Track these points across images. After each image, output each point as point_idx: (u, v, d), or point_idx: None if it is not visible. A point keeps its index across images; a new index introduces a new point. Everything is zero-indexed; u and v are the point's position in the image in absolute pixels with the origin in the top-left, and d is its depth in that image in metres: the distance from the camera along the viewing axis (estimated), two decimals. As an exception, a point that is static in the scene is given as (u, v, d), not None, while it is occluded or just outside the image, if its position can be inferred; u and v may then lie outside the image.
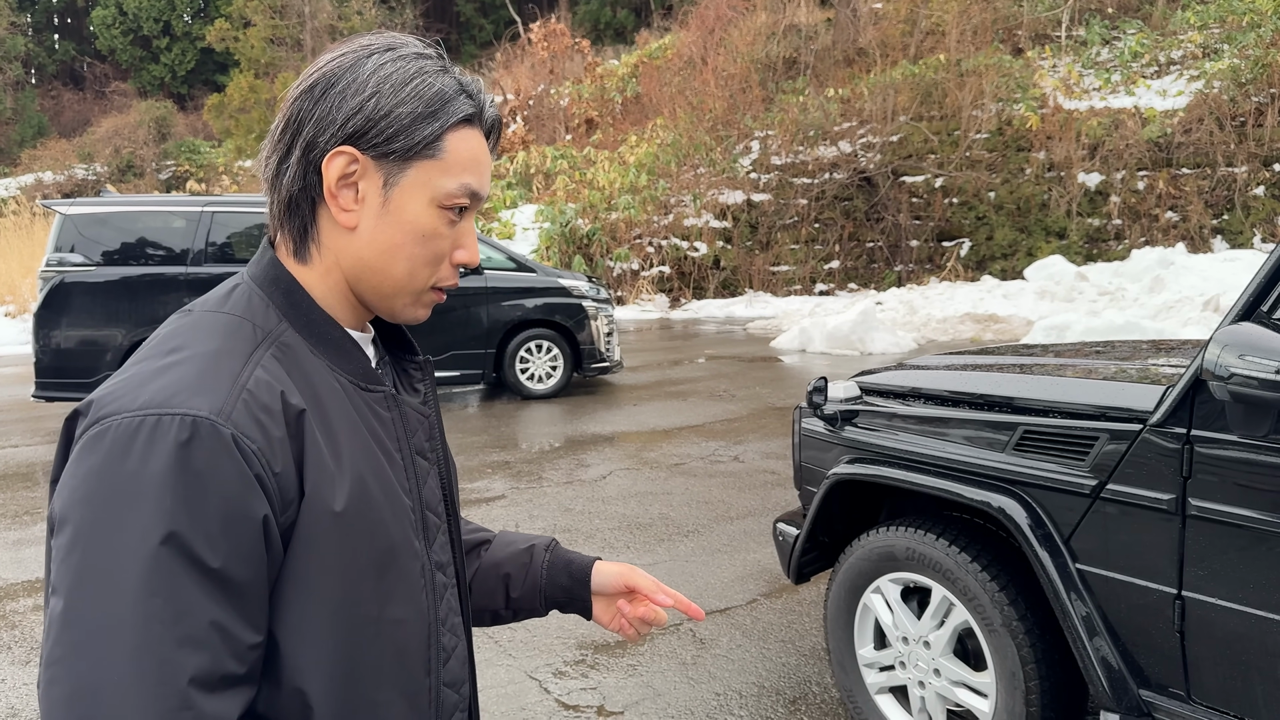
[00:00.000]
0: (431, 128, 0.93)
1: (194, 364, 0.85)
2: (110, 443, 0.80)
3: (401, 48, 0.95)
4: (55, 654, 0.77)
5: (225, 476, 0.80)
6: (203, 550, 0.79)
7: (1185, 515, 2.18)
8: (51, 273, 7.98)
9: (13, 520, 5.66)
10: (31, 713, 3.31)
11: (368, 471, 0.91)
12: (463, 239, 0.98)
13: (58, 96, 46.20)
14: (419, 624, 0.96)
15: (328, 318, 0.96)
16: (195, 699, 0.77)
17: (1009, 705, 2.53)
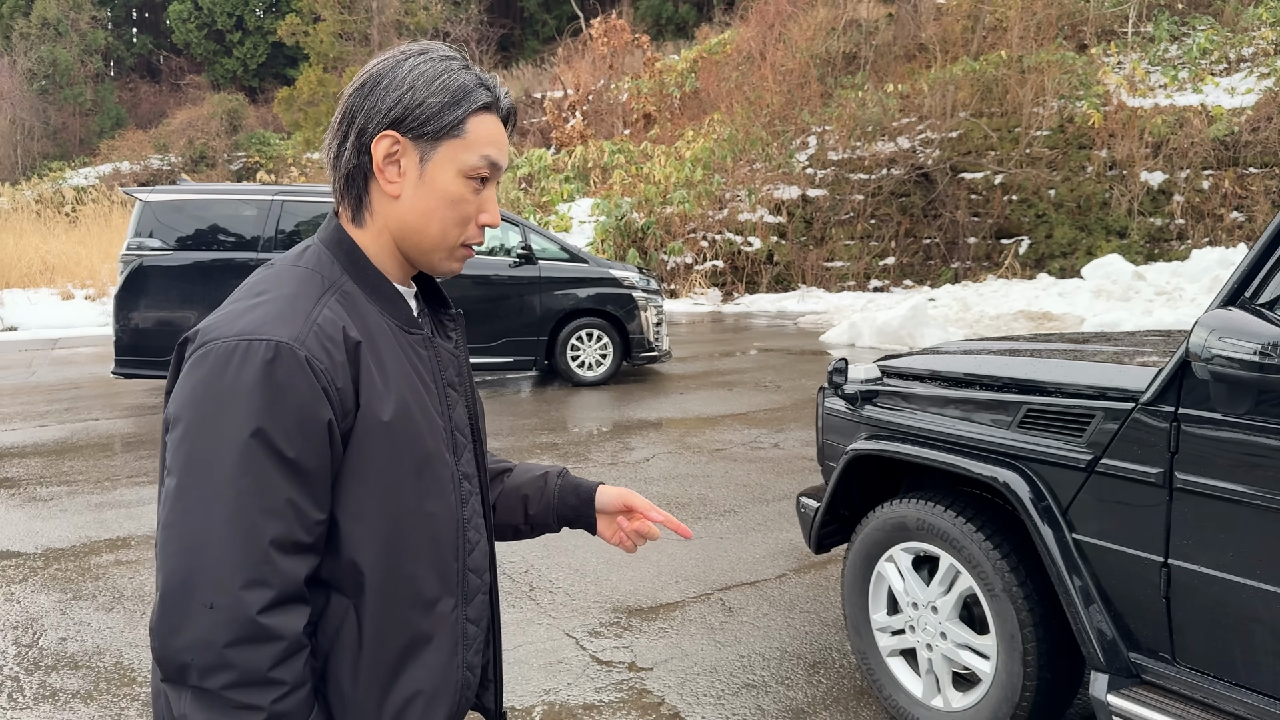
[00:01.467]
0: (456, 114, 1.17)
1: (276, 304, 1.11)
2: (213, 360, 1.05)
3: (432, 51, 1.20)
4: (170, 519, 1.04)
5: (300, 387, 1.05)
6: (282, 443, 1.04)
7: (1172, 488, 2.33)
8: (131, 256, 8.43)
9: (95, 485, 6.06)
10: (115, 653, 3.64)
11: (409, 393, 1.16)
12: (486, 204, 1.22)
13: (135, 89, 47.70)
14: (449, 518, 1.21)
15: (379, 273, 1.21)
16: (274, 556, 1.03)
17: (1009, 666, 2.70)
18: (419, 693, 1.18)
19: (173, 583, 1.03)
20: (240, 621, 1.01)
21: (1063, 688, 2.71)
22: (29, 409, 8.74)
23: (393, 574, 1.14)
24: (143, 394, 9.49)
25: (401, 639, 1.16)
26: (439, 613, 1.20)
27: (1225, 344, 2.13)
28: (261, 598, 1.02)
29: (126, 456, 6.86)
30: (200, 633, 1.01)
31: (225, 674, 1.01)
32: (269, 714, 1.02)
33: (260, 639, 1.02)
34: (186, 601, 1.02)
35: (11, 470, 6.46)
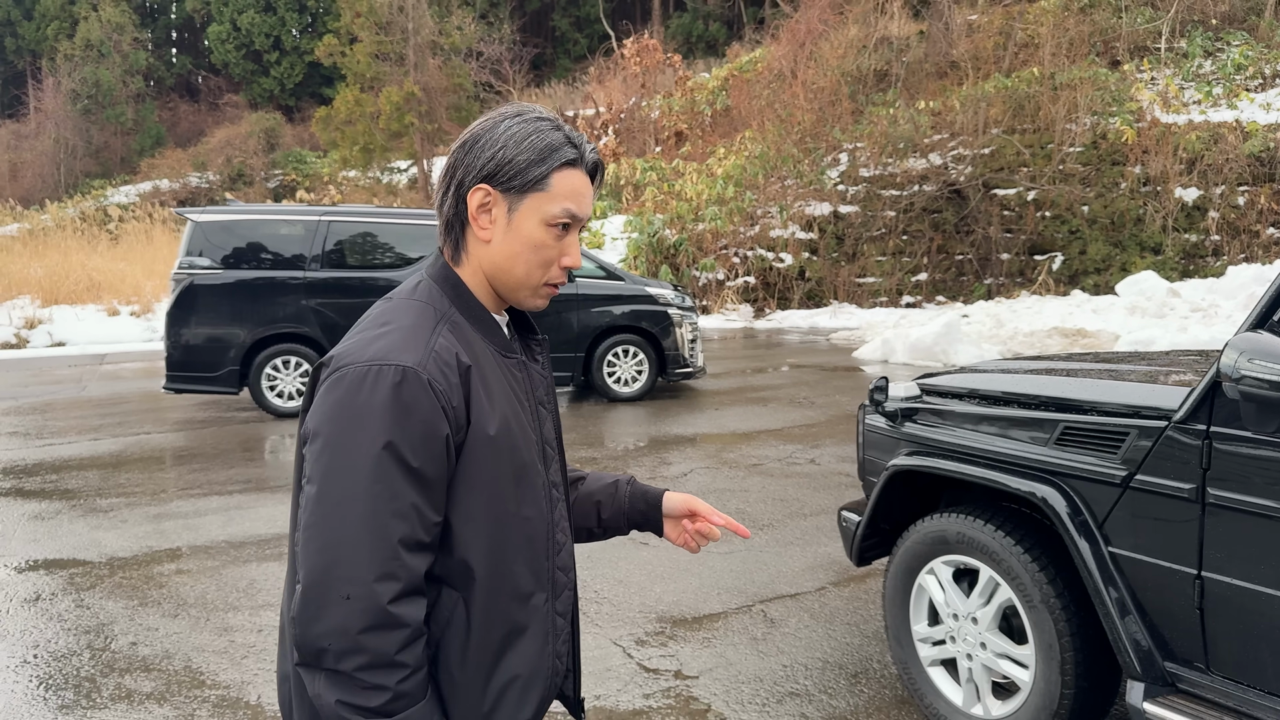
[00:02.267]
0: (540, 170, 1.33)
1: (400, 333, 1.27)
2: (349, 382, 1.22)
3: (527, 113, 1.37)
4: (311, 521, 1.20)
5: (423, 406, 1.21)
6: (408, 454, 1.20)
7: (1205, 503, 2.43)
8: (183, 275, 8.70)
9: (151, 497, 6.28)
10: (184, 657, 3.81)
11: (509, 411, 1.33)
12: (567, 248, 1.38)
13: (174, 108, 48.68)
14: (541, 522, 1.38)
15: (479, 304, 1.38)
16: (401, 553, 1.19)
17: (1047, 675, 2.80)
18: (516, 678, 1.34)
19: (314, 576, 1.18)
20: (373, 610, 1.17)
21: (1099, 696, 2.80)
22: (83, 423, 9.01)
23: (496, 570, 1.31)
24: (191, 408, 9.75)
25: (502, 629, 1.32)
26: (533, 606, 1.36)
27: (1254, 365, 2.24)
28: (391, 589, 1.18)
29: (180, 469, 7.08)
30: (338, 620, 1.16)
31: (358, 657, 1.17)
32: (394, 693, 1.18)
33: (389, 626, 1.17)
34: (326, 593, 1.17)
35: (71, 482, 6.70)
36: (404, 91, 27.23)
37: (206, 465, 7.17)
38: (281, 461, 7.35)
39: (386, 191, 32.01)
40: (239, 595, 4.47)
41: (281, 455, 7.57)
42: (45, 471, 7.04)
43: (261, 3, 45.43)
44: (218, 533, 5.46)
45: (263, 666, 3.71)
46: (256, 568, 4.85)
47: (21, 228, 27.29)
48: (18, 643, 3.96)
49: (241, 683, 3.57)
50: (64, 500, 6.22)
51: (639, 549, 5.01)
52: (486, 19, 34.83)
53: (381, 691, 1.17)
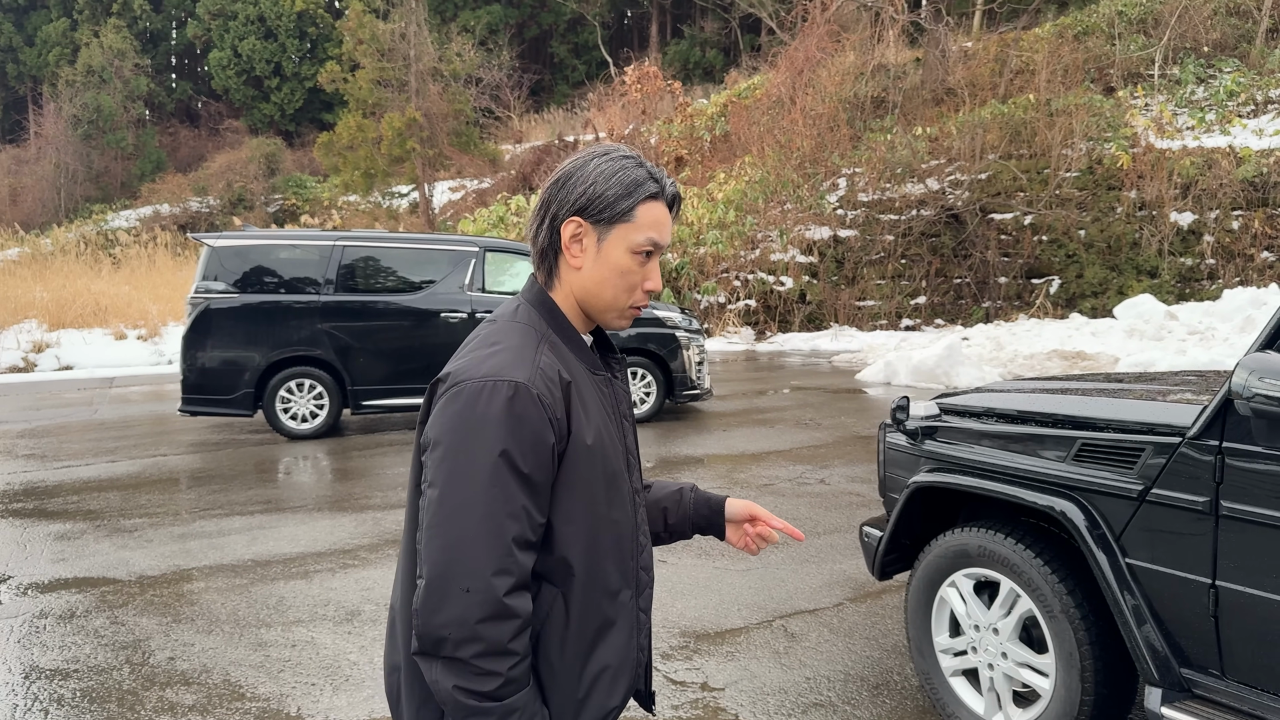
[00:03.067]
0: (627, 203, 1.47)
1: (509, 352, 1.41)
2: (467, 396, 1.36)
3: (613, 153, 1.52)
4: (434, 521, 1.33)
5: (534, 417, 1.35)
6: (520, 462, 1.34)
7: (1218, 515, 2.55)
8: (199, 299, 8.82)
9: (174, 518, 6.38)
10: (221, 670, 3.91)
11: (601, 423, 1.48)
12: (650, 274, 1.51)
13: (175, 133, 49.00)
14: (628, 524, 1.53)
15: (572, 325, 1.52)
16: (515, 550, 1.33)
17: (1067, 682, 2.91)
18: (607, 667, 1.48)
19: (436, 571, 1.31)
20: (491, 602, 1.30)
21: (1118, 702, 2.91)
22: (98, 445, 9.11)
23: (591, 568, 1.45)
24: (203, 431, 9.85)
25: (596, 621, 1.46)
26: (620, 602, 1.50)
27: (1264, 384, 2.38)
28: (506, 583, 1.31)
29: (199, 491, 7.18)
30: (458, 611, 1.29)
31: (475, 645, 1.30)
32: (505, 679, 1.31)
33: (505, 616, 1.31)
34: (447, 586, 1.30)
35: (93, 503, 6.79)
36: (405, 117, 27.48)
37: (225, 486, 7.27)
38: (297, 483, 7.45)
39: (388, 216, 32.22)
40: (270, 612, 4.57)
41: (297, 477, 7.68)
42: (66, 493, 7.13)
43: (262, 29, 45.85)
44: (243, 551, 5.56)
45: (300, 679, 3.81)
46: (284, 585, 4.95)
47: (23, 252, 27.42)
48: (57, 656, 4.06)
49: (280, 695, 3.67)
50: (87, 520, 6.32)
51: (660, 567, 5.12)
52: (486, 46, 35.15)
53: (494, 677, 1.30)
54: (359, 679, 3.80)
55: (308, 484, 7.41)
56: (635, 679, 1.55)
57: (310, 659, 4.01)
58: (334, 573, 5.15)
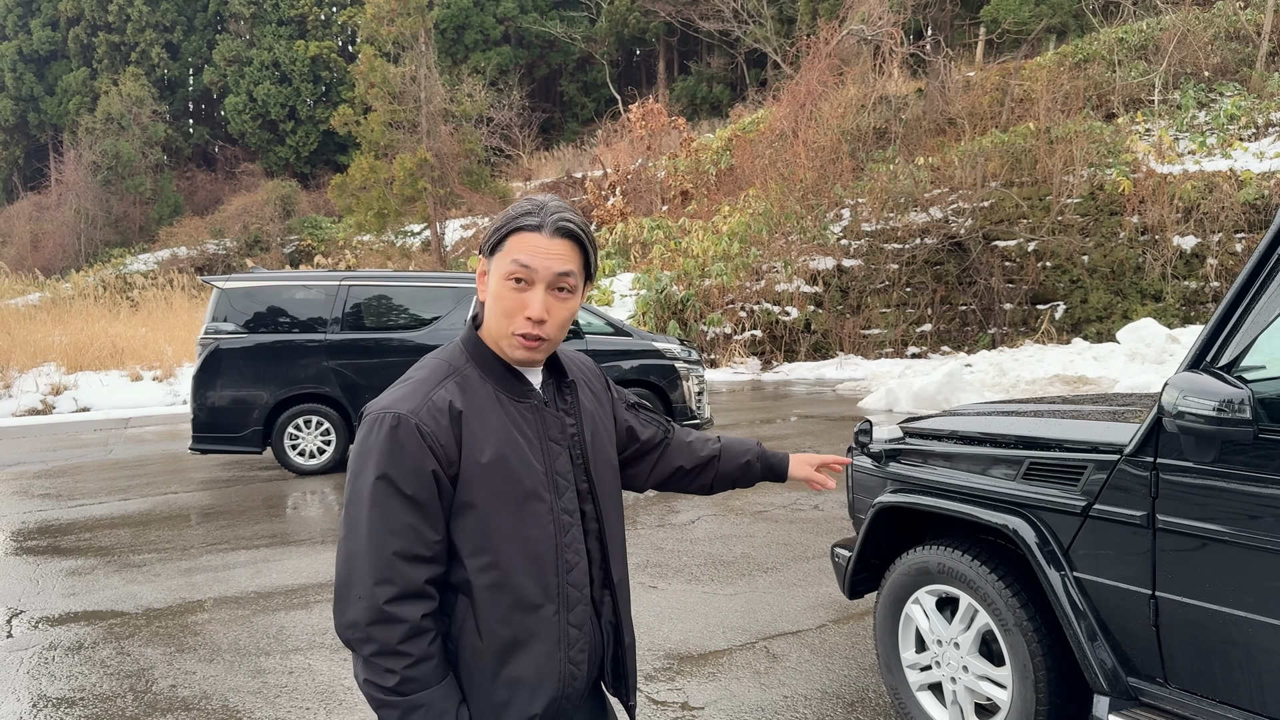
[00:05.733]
0: (499, 235, 1.60)
1: (410, 385, 1.59)
2: (364, 426, 1.57)
3: (522, 204, 1.63)
4: (340, 536, 1.54)
5: (412, 446, 1.51)
6: (402, 484, 1.50)
7: (1155, 528, 2.67)
8: (209, 339, 9.06)
9: (181, 553, 6.55)
10: (220, 697, 4.05)
11: (506, 445, 1.59)
12: (528, 302, 1.58)
13: (192, 177, 49.79)
14: (547, 543, 1.61)
15: (495, 358, 1.65)
16: (396, 563, 1.49)
17: (1023, 694, 3.03)
18: (523, 679, 1.58)
19: (338, 581, 1.52)
20: (374, 608, 1.47)
21: (1072, 712, 3.02)
22: (111, 484, 9.31)
23: (498, 582, 1.56)
24: (214, 468, 10.05)
25: (509, 633, 1.57)
26: (541, 617, 1.59)
27: (1190, 402, 2.50)
28: (388, 592, 1.48)
29: (208, 526, 7.35)
30: (353, 615, 1.49)
31: (370, 645, 1.48)
32: (402, 677, 1.48)
33: (389, 621, 1.47)
34: (346, 594, 1.50)
35: (105, 540, 6.98)
36: (417, 158, 27.94)
37: (232, 522, 7.44)
38: (304, 517, 7.62)
39: (400, 254, 32.63)
40: (270, 641, 4.72)
41: (304, 511, 7.85)
42: (79, 530, 7.32)
43: (277, 74, 46.72)
44: (247, 584, 5.72)
45: (295, 704, 3.95)
46: (285, 615, 5.10)
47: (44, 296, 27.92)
48: (64, 686, 4.21)
49: (276, 719, 3.81)
50: (98, 556, 6.50)
51: (648, 592, 5.24)
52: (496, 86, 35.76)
53: (391, 674, 1.48)
54: (351, 703, 3.94)
55: (313, 518, 7.58)
56: (564, 691, 1.62)
57: (306, 685, 4.15)
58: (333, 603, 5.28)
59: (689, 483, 2.09)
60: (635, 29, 44.23)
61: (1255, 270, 2.51)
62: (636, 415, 2.01)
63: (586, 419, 1.76)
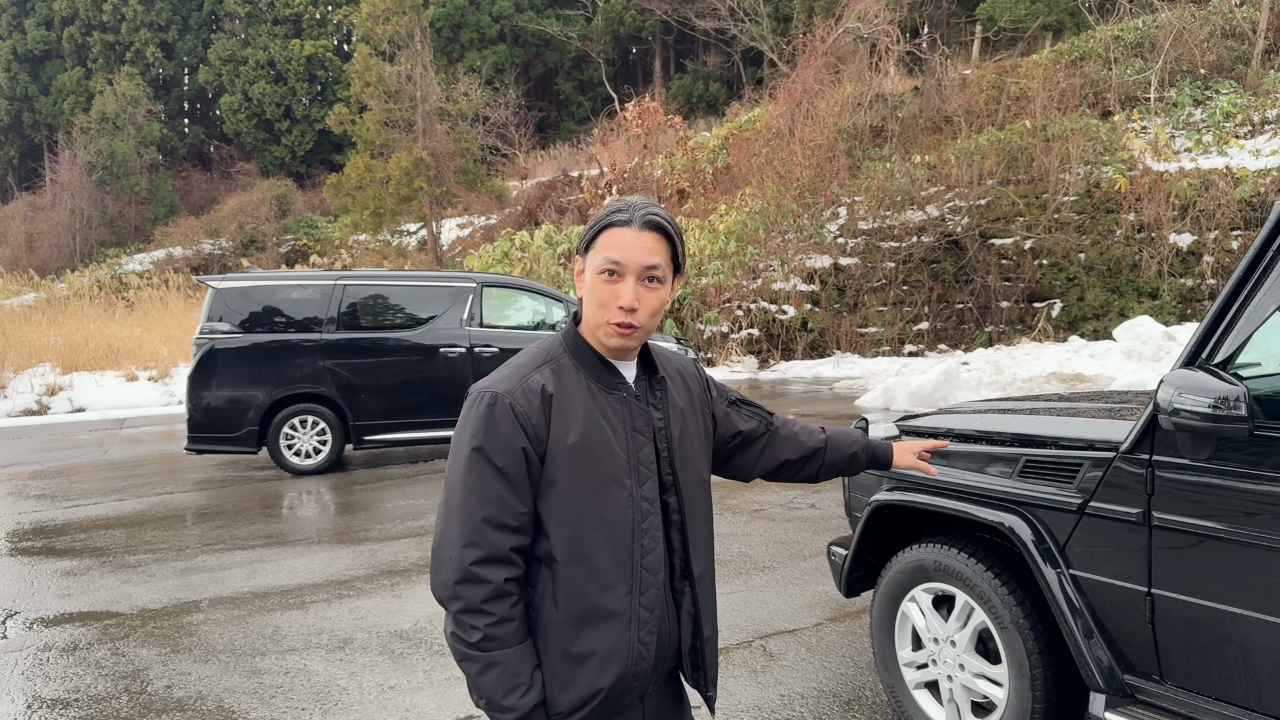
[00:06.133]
0: (592, 233, 1.76)
1: (509, 369, 1.74)
2: (466, 404, 1.72)
3: (612, 204, 1.76)
4: (440, 499, 1.69)
5: (505, 421, 1.65)
6: (493, 456, 1.64)
7: (1151, 526, 2.67)
8: (204, 340, 9.04)
9: (177, 553, 6.53)
10: (215, 698, 4.04)
11: (590, 429, 1.70)
12: (620, 293, 1.71)
13: (187, 177, 49.68)
14: (624, 526, 1.72)
15: (591, 351, 1.78)
16: (484, 529, 1.63)
17: (1019, 691, 3.02)
18: (594, 652, 1.68)
19: (435, 541, 1.68)
20: (462, 569, 1.61)
21: (1068, 709, 3.02)
22: (107, 485, 9.29)
23: (577, 556, 1.68)
24: (210, 469, 10.03)
25: (582, 607, 1.68)
26: (616, 594, 1.70)
27: (1185, 399, 2.50)
28: (474, 554, 1.62)
29: (203, 526, 7.34)
30: (444, 574, 1.64)
31: (457, 602, 1.62)
32: (484, 634, 1.61)
33: (473, 581, 1.61)
34: (439, 553, 1.65)
35: (100, 540, 6.96)
36: (413, 157, 27.89)
37: (228, 522, 7.43)
38: (300, 517, 7.61)
39: (396, 254, 32.59)
40: (265, 641, 4.71)
41: (300, 511, 7.83)
42: (74, 531, 7.31)
43: (272, 74, 46.62)
44: (242, 584, 5.70)
45: (290, 705, 3.94)
46: (281, 615, 5.09)
47: (39, 297, 27.85)
48: (59, 687, 4.20)
49: (271, 719, 3.79)
50: (94, 557, 6.48)
51: (645, 591, 5.23)
52: (492, 84, 35.70)
53: (475, 630, 1.61)
54: (347, 703, 3.93)
55: (309, 518, 7.57)
56: (632, 669, 1.71)
57: (301, 685, 4.14)
58: (329, 603, 5.28)
59: (795, 473, 2.23)
60: (631, 27, 44.19)
61: (1250, 267, 2.51)
62: (739, 410, 2.13)
63: (675, 415, 1.86)
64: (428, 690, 4.04)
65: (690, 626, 1.84)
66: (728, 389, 2.13)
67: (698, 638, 1.85)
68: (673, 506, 1.80)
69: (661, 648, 1.77)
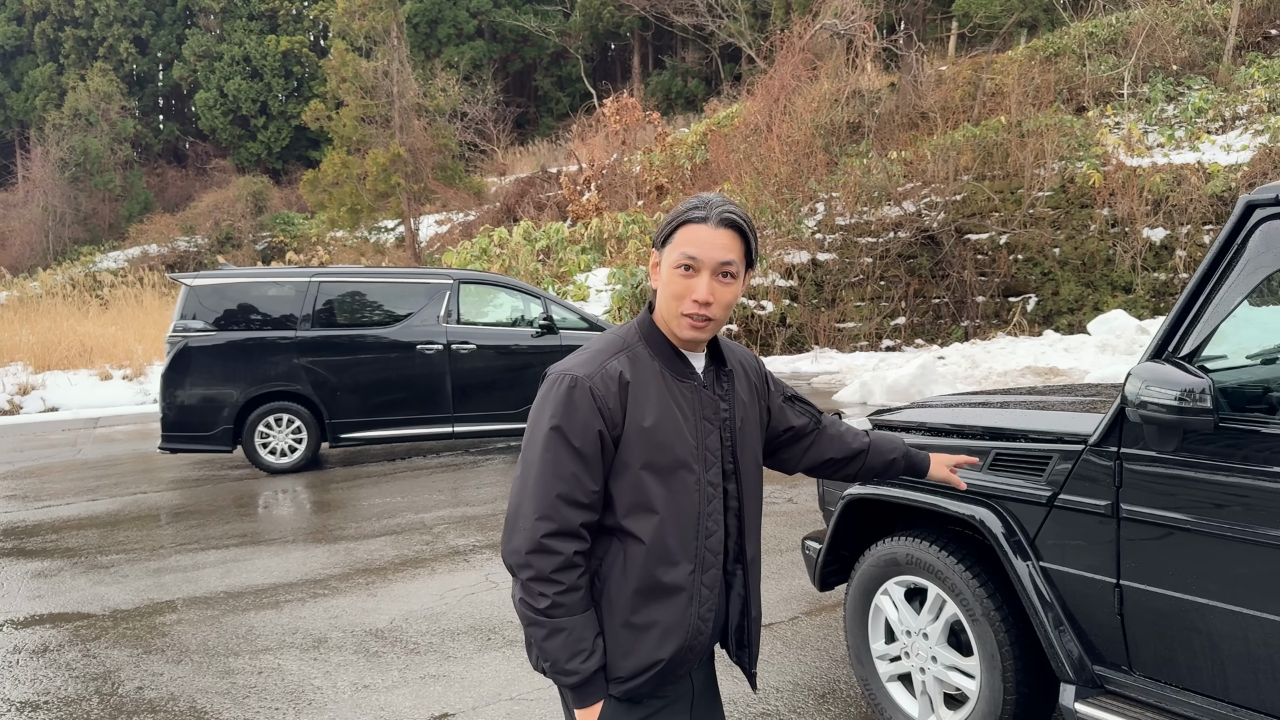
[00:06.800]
0: (670, 229, 1.83)
1: (589, 354, 1.82)
2: (545, 384, 1.79)
3: (690, 200, 1.83)
4: (516, 473, 1.78)
5: (584, 404, 1.73)
6: (571, 436, 1.72)
7: (1119, 517, 2.70)
8: (177, 338, 8.95)
9: (150, 553, 6.47)
10: (188, 699, 4.01)
11: (664, 416, 1.79)
12: (695, 287, 1.78)
13: (162, 174, 49.21)
14: (691, 508, 1.81)
15: (665, 340, 1.85)
16: (558, 503, 1.71)
17: (991, 683, 3.04)
18: (657, 623, 1.77)
19: (509, 512, 1.76)
20: (534, 540, 1.70)
21: (1040, 700, 3.04)
22: (80, 484, 9.20)
23: (646, 534, 1.77)
24: (185, 468, 9.94)
25: (650, 580, 1.77)
26: (679, 571, 1.79)
27: (1152, 392, 2.52)
28: (546, 527, 1.70)
29: (177, 526, 7.27)
30: (517, 543, 1.72)
31: (528, 570, 1.70)
32: (552, 601, 1.70)
33: (545, 551, 1.69)
34: (513, 523, 1.74)
35: (72, 541, 6.89)
36: (390, 153, 27.73)
37: (202, 521, 7.37)
38: (275, 516, 7.56)
39: (374, 250, 32.41)
40: (239, 641, 4.67)
41: (275, 510, 7.78)
42: (45, 532, 7.23)
43: (248, 69, 46.24)
44: (216, 584, 5.66)
45: (264, 705, 3.91)
46: (255, 615, 5.05)
47: (11, 295, 27.51)
48: (29, 690, 4.15)
49: (244, 719, 3.77)
50: (65, 558, 6.41)
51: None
52: (470, 80, 35.54)
53: (543, 598, 1.69)
54: (321, 702, 3.91)
55: (284, 517, 7.52)
56: (691, 643, 1.79)
57: (275, 685, 4.11)
58: (304, 602, 5.25)
59: (835, 471, 2.31)
60: (609, 23, 44.12)
61: (1214, 261, 2.53)
62: (793, 405, 2.21)
63: (739, 406, 1.94)
64: (403, 689, 4.02)
65: (739, 607, 1.93)
66: (784, 385, 2.21)
67: (745, 617, 1.95)
68: (732, 493, 1.89)
69: (715, 625, 1.87)
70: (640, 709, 1.80)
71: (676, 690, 1.84)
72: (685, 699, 1.86)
